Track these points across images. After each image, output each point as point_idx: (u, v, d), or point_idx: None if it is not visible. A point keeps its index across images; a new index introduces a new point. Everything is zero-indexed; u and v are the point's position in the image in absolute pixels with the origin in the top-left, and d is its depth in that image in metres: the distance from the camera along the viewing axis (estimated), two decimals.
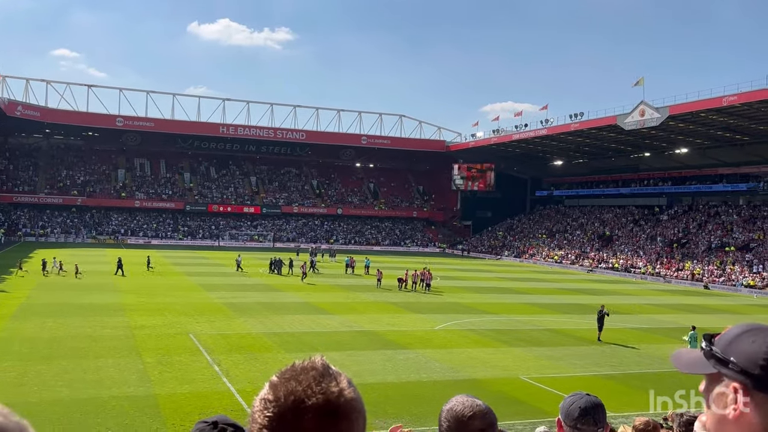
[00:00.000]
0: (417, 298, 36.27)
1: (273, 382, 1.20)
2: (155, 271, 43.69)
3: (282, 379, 1.19)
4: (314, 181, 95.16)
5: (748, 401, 1.34)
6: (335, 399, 1.16)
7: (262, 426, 1.16)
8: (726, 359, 1.38)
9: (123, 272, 40.20)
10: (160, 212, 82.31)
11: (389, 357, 20.41)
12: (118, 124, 78.57)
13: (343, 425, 1.15)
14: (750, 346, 1.36)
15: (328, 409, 1.14)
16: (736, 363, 1.36)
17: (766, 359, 1.32)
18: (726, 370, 1.38)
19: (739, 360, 1.36)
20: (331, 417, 1.14)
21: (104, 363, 18.01)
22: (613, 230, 74.16)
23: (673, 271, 58.44)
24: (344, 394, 1.17)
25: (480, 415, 1.82)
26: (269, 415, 1.15)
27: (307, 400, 1.14)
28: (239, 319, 26.34)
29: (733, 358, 1.37)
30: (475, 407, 1.84)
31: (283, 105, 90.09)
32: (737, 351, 1.38)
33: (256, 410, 1.18)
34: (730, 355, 1.38)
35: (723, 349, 1.41)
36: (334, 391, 1.16)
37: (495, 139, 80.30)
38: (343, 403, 1.16)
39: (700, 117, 55.27)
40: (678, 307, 37.46)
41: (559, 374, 19.41)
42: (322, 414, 1.14)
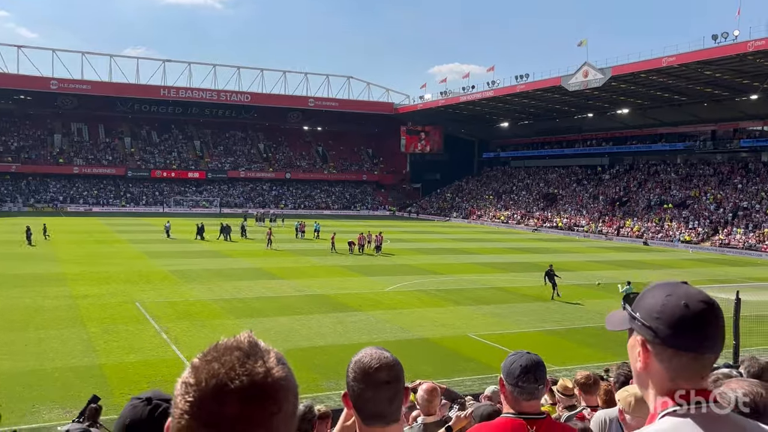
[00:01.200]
0: (368, 261, 36.45)
1: (194, 364, 1.11)
2: (52, 240, 40.98)
3: (204, 361, 1.10)
4: (261, 145, 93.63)
5: (650, 352, 1.43)
6: (261, 380, 1.08)
7: (183, 411, 1.07)
8: (633, 315, 1.48)
9: (30, 242, 38.73)
10: (101, 179, 79.75)
11: (340, 320, 20.54)
12: (52, 87, 75.12)
13: (271, 407, 1.07)
14: (650, 300, 1.46)
15: (253, 392, 1.06)
16: (639, 317, 1.45)
17: (660, 311, 1.41)
18: (633, 324, 1.47)
19: (641, 314, 1.46)
20: (256, 400, 1.06)
21: (46, 334, 17.53)
22: (558, 190, 75.85)
23: (615, 229, 60.36)
24: (271, 374, 1.09)
25: (386, 367, 1.82)
26: (190, 400, 1.06)
27: (230, 383, 1.06)
28: (187, 286, 25.97)
29: (637, 313, 1.47)
30: (383, 359, 1.83)
31: (226, 66, 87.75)
32: (641, 306, 1.47)
33: (177, 394, 1.09)
34: (636, 310, 1.48)
35: (634, 305, 1.50)
36: (259, 371, 1.08)
37: (443, 101, 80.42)
38: (270, 383, 1.08)
39: (640, 78, 56.53)
40: (619, 264, 38.78)
41: (506, 331, 19.93)
42: (246, 397, 1.06)
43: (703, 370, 1.42)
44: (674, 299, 1.42)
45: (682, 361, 1.39)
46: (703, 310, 1.40)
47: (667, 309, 1.40)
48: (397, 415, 1.83)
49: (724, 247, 50.01)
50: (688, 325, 1.38)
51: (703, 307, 1.40)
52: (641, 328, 1.43)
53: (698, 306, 1.40)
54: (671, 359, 1.40)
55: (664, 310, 1.40)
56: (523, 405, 2.57)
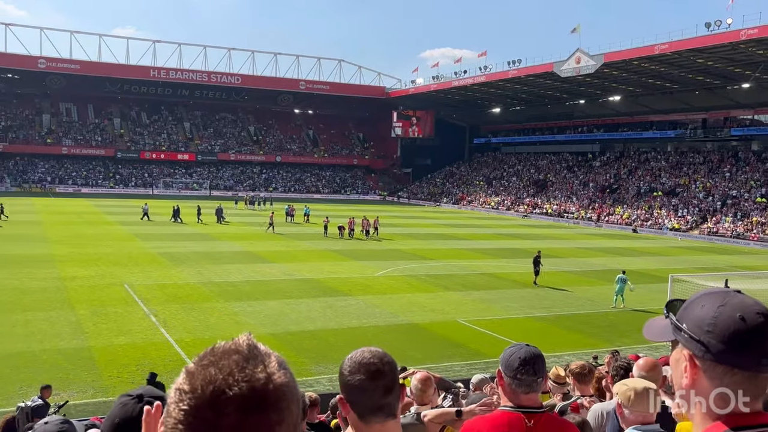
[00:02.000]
0: (358, 245, 36.44)
1: (189, 369, 1.00)
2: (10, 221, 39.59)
3: (200, 366, 1.00)
4: (251, 128, 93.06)
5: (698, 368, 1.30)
6: (261, 387, 0.98)
7: (177, 421, 0.97)
8: (679, 326, 1.35)
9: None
10: (90, 159, 79.05)
11: (330, 304, 20.53)
12: (40, 66, 74.14)
13: (272, 417, 0.97)
14: (699, 312, 1.32)
15: (253, 401, 0.97)
16: (686, 329, 1.32)
17: (711, 324, 1.28)
18: (679, 336, 1.35)
19: (688, 326, 1.32)
20: (256, 408, 0.97)
21: (34, 316, 17.42)
22: (548, 176, 76.00)
23: (605, 216, 60.64)
24: (273, 380, 0.99)
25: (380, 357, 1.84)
26: (184, 408, 0.96)
27: (228, 390, 0.96)
28: (176, 268, 25.86)
29: (684, 324, 1.34)
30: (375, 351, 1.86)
31: (217, 48, 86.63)
32: (688, 317, 1.34)
33: (171, 402, 0.99)
34: (683, 321, 1.34)
35: (679, 315, 1.36)
36: (260, 377, 0.98)
37: (434, 85, 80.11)
38: (272, 390, 0.98)
39: (633, 65, 56.53)
40: (608, 251, 38.98)
41: (495, 317, 20.01)
42: (246, 406, 0.96)
43: (759, 390, 1.28)
44: (728, 310, 1.27)
45: (735, 379, 1.26)
46: (761, 324, 1.25)
47: (720, 321, 1.26)
48: (395, 408, 1.80)
49: (713, 236, 50.38)
50: (745, 341, 1.24)
51: (761, 320, 1.26)
52: (689, 341, 1.30)
53: (756, 319, 1.26)
54: (723, 377, 1.26)
55: (716, 323, 1.26)
56: (522, 398, 2.55)
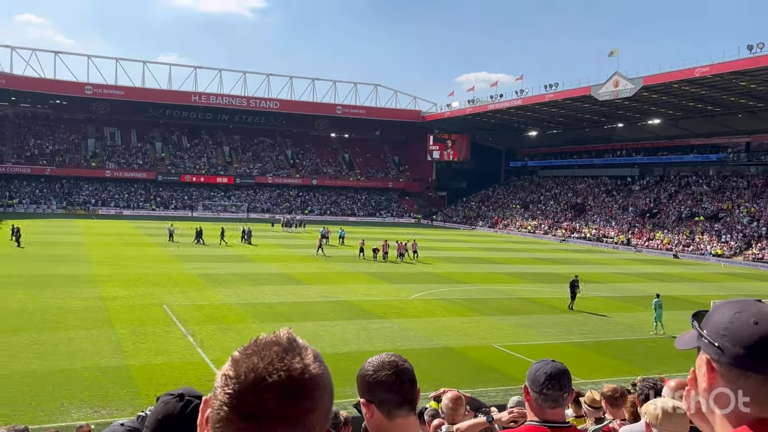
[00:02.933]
0: (392, 268, 36.43)
1: (235, 357, 1.14)
2: (25, 248, 37.64)
3: (244, 355, 1.14)
4: (289, 151, 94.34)
5: (716, 372, 1.34)
6: (298, 376, 1.11)
7: (222, 403, 1.10)
8: (700, 332, 1.39)
9: (19, 243, 38.27)
10: (132, 182, 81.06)
11: (364, 326, 20.55)
12: (87, 92, 76.72)
13: (306, 404, 1.10)
14: (718, 317, 1.37)
15: (290, 387, 1.09)
16: (705, 335, 1.37)
17: (727, 327, 1.32)
18: (701, 341, 1.39)
19: (708, 332, 1.36)
20: (293, 395, 1.10)
21: (76, 335, 17.84)
22: (586, 200, 75.04)
23: (644, 241, 59.47)
24: (308, 370, 1.12)
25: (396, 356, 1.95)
26: (229, 392, 1.10)
27: (269, 377, 1.09)
28: (213, 289, 26.23)
29: (704, 330, 1.38)
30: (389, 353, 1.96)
31: (256, 73, 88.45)
32: (708, 323, 1.38)
33: (218, 386, 1.13)
34: (704, 328, 1.39)
35: (702, 323, 1.41)
36: (297, 367, 1.11)
37: (470, 109, 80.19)
38: (307, 380, 1.11)
39: (672, 88, 55.77)
40: (648, 276, 38.18)
41: (531, 342, 19.74)
42: (283, 392, 1.09)
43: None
44: (744, 316, 1.32)
45: (749, 383, 1.29)
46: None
47: (735, 326, 1.31)
48: (416, 405, 1.89)
49: (758, 262, 48.93)
50: (757, 344, 1.28)
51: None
52: (707, 345, 1.35)
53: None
54: (738, 380, 1.30)
55: (731, 327, 1.31)
56: (548, 413, 2.57)
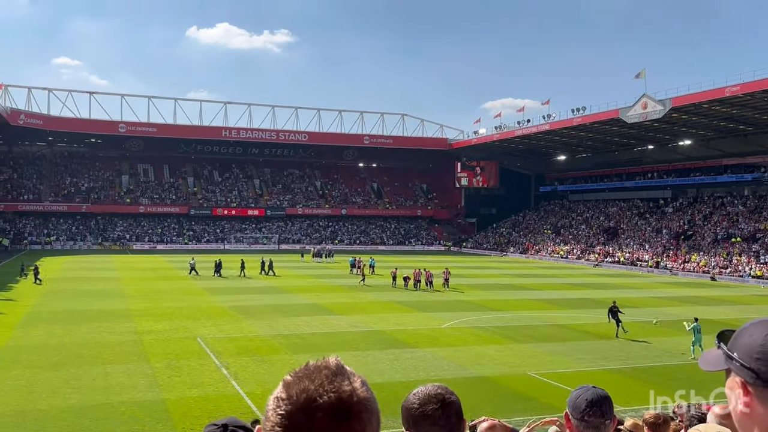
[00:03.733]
0: (423, 296, 36.25)
1: (286, 380, 1.20)
2: (44, 285, 37.19)
3: (295, 378, 1.19)
4: (318, 182, 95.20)
5: (751, 395, 1.33)
6: (347, 398, 1.16)
7: (274, 424, 1.15)
8: (731, 354, 1.38)
9: (39, 280, 38.00)
10: (165, 217, 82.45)
11: (397, 356, 20.42)
12: (120, 130, 78.74)
13: (355, 425, 1.15)
14: (748, 340, 1.36)
15: (340, 408, 1.15)
16: (737, 357, 1.36)
17: (761, 351, 1.31)
18: (731, 364, 1.38)
19: (739, 354, 1.36)
20: (342, 416, 1.14)
21: (113, 369, 18.06)
22: (619, 224, 74.00)
23: (680, 264, 58.26)
24: (357, 394, 1.17)
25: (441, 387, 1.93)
26: (281, 413, 1.15)
27: (319, 398, 1.14)
28: (247, 321, 26.38)
29: (735, 353, 1.37)
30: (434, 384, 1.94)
31: (284, 107, 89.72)
32: (738, 345, 1.37)
33: (270, 408, 1.19)
34: (734, 350, 1.38)
35: (730, 344, 1.40)
36: (346, 390, 1.17)
37: (497, 135, 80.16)
38: (356, 402, 1.16)
39: (702, 108, 55.07)
40: (685, 300, 37.33)
41: (567, 369, 19.39)
42: (333, 413, 1.14)
43: None
44: None
45: None
46: None
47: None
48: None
49: None
50: None
51: None
52: (740, 369, 1.34)
53: None
54: None
55: (764, 350, 1.31)
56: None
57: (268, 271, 46.36)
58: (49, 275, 42.69)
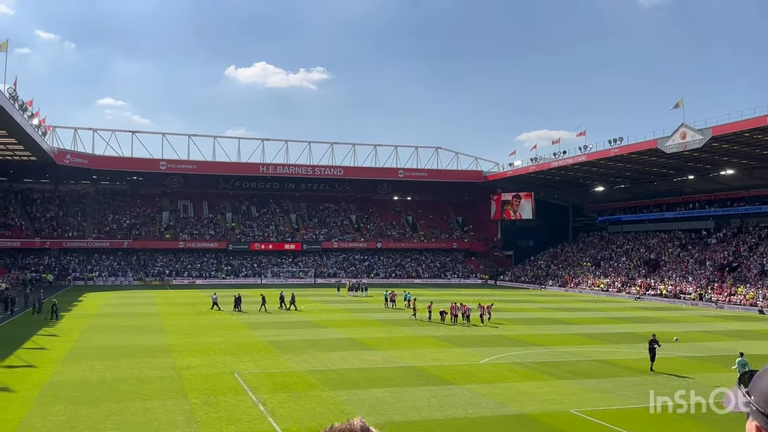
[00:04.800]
0: (461, 331, 35.82)
1: None
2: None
3: None
4: (353, 216, 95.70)
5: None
6: None
7: None
8: (749, 399, 1.35)
9: (56, 316, 37.82)
10: (204, 252, 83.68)
11: (434, 393, 20.13)
12: (161, 167, 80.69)
13: None
14: (764, 385, 1.33)
15: None
16: (754, 402, 1.32)
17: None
18: (749, 408, 1.35)
19: (756, 398, 1.32)
20: None
21: (152, 405, 18.21)
22: (660, 255, 72.35)
23: (725, 296, 56.52)
24: None
25: None
26: None
27: None
28: (283, 357, 26.40)
29: (753, 396, 1.34)
30: None
31: (320, 143, 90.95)
32: (756, 389, 1.34)
33: None
34: (752, 393, 1.35)
35: (750, 387, 1.36)
36: None
37: (533, 167, 79.69)
38: None
39: (744, 137, 53.96)
40: (732, 334, 36.11)
41: (610, 407, 18.84)
42: None
43: None
44: None
45: None
46: None
47: None
48: None
49: None
50: None
51: None
52: (756, 414, 1.31)
53: None
54: None
55: None
56: None
57: (289, 305, 46.06)
58: (91, 311, 43.53)
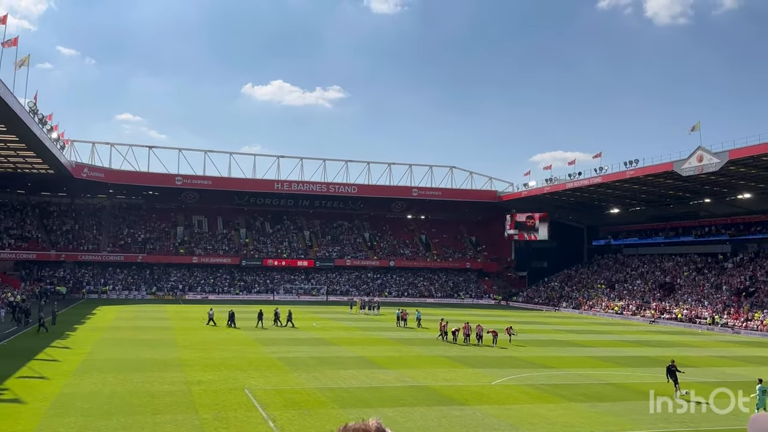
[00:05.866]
0: (473, 351, 35.55)
1: None
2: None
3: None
4: (366, 234, 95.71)
5: None
6: None
7: None
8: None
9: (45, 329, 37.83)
10: (217, 267, 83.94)
11: (445, 413, 19.94)
12: (177, 183, 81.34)
13: None
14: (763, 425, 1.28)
15: None
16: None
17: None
18: None
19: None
20: None
21: (162, 419, 18.18)
22: (675, 279, 71.56)
23: (742, 321, 55.69)
24: None
25: None
26: None
27: None
28: (294, 373, 26.31)
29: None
30: None
31: (335, 160, 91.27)
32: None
33: None
34: None
35: None
36: None
37: (548, 188, 79.43)
38: None
39: (762, 161, 53.50)
40: (749, 360, 35.53)
41: (624, 431, 18.54)
42: None
43: None
44: None
45: None
46: None
47: None
48: None
49: None
50: None
51: None
52: None
53: None
54: None
55: None
56: None
57: (286, 322, 45.70)
58: (104, 324, 43.72)
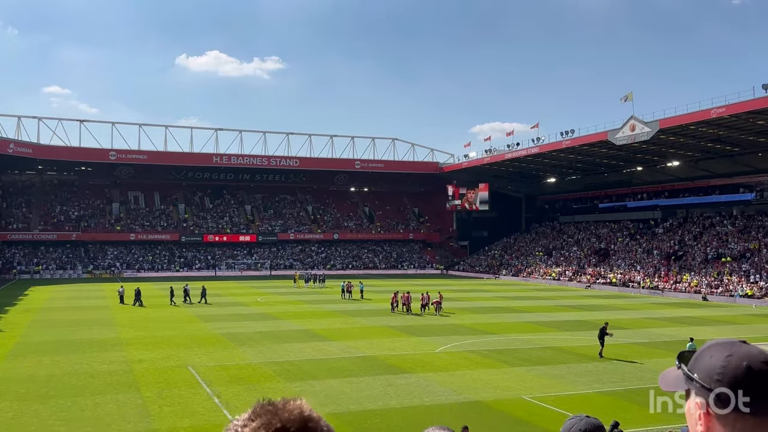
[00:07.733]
0: (416, 321, 36.10)
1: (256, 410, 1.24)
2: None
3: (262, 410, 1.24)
4: (309, 207, 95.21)
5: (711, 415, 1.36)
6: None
7: None
8: (691, 375, 1.41)
9: None
10: (156, 244, 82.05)
11: (390, 382, 20.25)
12: (111, 158, 78.64)
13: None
14: (708, 361, 1.39)
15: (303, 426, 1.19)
16: (698, 379, 1.38)
17: (721, 373, 1.35)
18: (692, 385, 1.41)
19: (699, 375, 1.39)
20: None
21: (102, 399, 17.81)
22: (610, 245, 74.26)
23: (671, 284, 58.43)
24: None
25: None
26: None
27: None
28: (238, 349, 26.14)
29: (695, 374, 1.40)
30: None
31: (275, 133, 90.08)
32: (699, 366, 1.41)
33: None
34: (694, 371, 1.41)
35: (690, 365, 1.43)
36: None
37: (488, 159, 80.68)
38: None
39: (690, 130, 55.71)
40: (677, 320, 37.37)
41: (562, 392, 19.28)
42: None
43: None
44: (735, 360, 1.36)
45: (746, 426, 1.33)
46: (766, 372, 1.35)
47: (729, 370, 1.35)
48: None
49: None
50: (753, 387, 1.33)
51: (766, 368, 1.36)
52: (701, 390, 1.38)
53: (762, 367, 1.36)
54: (735, 423, 1.34)
55: (725, 372, 1.35)
56: None
57: (201, 299, 44.77)
58: (38, 305, 42.25)
